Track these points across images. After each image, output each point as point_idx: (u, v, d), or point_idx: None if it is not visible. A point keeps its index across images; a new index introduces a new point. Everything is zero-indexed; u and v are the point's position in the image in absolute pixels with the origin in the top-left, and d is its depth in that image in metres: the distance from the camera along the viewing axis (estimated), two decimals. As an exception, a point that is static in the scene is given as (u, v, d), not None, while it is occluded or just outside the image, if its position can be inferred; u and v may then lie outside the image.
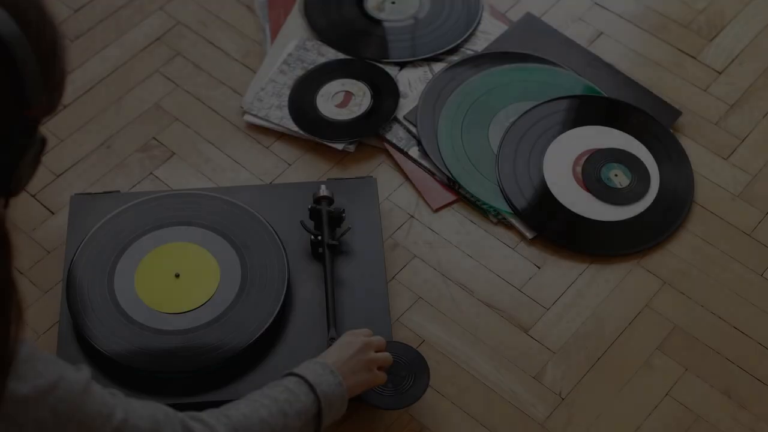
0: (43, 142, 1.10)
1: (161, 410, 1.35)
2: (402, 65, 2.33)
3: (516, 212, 2.10)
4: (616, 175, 2.15)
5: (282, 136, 2.24)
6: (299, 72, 2.31)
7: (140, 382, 1.84)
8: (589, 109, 2.25)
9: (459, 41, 2.36)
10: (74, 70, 2.33)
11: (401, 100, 2.25)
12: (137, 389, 1.82)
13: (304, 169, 2.18)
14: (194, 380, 1.84)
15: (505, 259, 2.07)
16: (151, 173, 2.18)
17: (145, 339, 1.86)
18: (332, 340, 1.80)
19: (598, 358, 1.94)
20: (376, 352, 1.75)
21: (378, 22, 2.41)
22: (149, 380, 1.84)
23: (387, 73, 2.30)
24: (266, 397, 1.52)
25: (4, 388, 1.11)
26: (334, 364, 1.65)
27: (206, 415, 1.46)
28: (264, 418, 1.48)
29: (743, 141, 2.23)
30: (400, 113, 2.24)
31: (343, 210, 1.98)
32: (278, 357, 1.87)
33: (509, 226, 2.11)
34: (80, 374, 1.21)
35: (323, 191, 2.00)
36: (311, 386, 1.58)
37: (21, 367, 1.15)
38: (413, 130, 2.22)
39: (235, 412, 1.46)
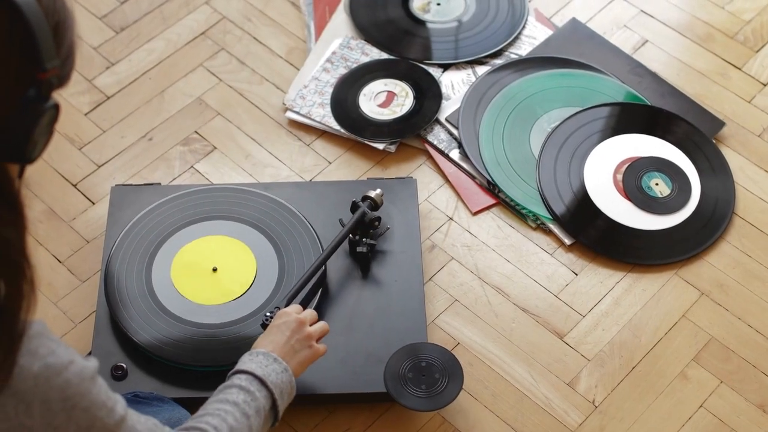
0: (57, 108, 1.12)
1: (151, 421, 1.36)
2: (445, 67, 2.33)
3: (555, 218, 2.09)
4: (656, 184, 2.14)
5: (323, 134, 2.24)
6: (342, 70, 2.31)
7: (174, 374, 1.84)
8: (631, 117, 2.24)
9: (503, 45, 2.36)
10: (119, 61, 2.35)
11: (443, 102, 2.25)
12: (171, 382, 1.84)
13: (344, 168, 2.18)
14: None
15: (543, 264, 2.06)
16: (191, 167, 2.19)
17: (181, 331, 1.87)
18: (277, 309, 1.79)
19: (633, 367, 1.94)
20: (311, 325, 1.74)
21: (422, 23, 2.41)
22: (183, 373, 1.85)
23: (430, 75, 2.29)
24: (227, 403, 1.52)
25: (14, 364, 1.12)
26: (274, 350, 1.64)
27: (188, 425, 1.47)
28: (232, 426, 1.48)
29: (786, 154, 2.22)
30: (442, 115, 2.24)
31: (378, 219, 1.97)
32: (313, 354, 1.87)
33: (548, 232, 2.10)
34: (90, 363, 1.22)
35: (373, 193, 1.99)
36: (261, 381, 1.57)
37: (33, 342, 1.15)
38: (455, 132, 2.22)
39: (206, 426, 1.46)
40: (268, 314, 1.78)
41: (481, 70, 2.33)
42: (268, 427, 1.58)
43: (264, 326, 1.77)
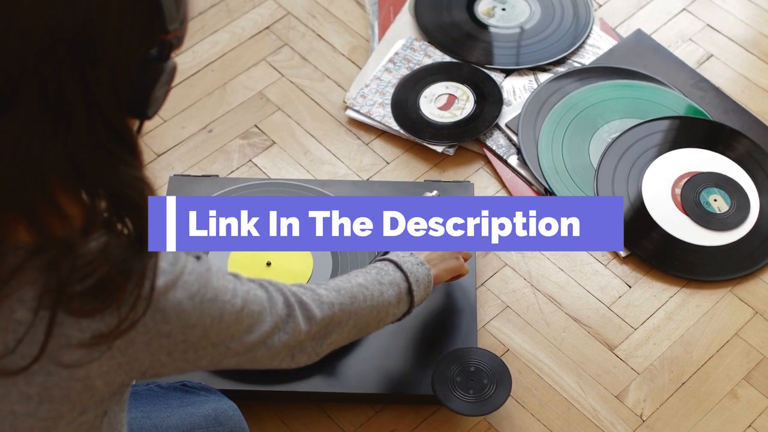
0: (174, 69, 1.17)
1: (265, 280, 1.43)
2: (507, 72, 2.33)
3: (611, 229, 2.08)
4: (715, 200, 2.13)
5: (382, 134, 2.25)
6: (404, 71, 2.32)
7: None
8: (692, 131, 2.22)
9: (566, 53, 2.35)
10: (183, 52, 2.36)
11: (504, 108, 2.25)
12: (219, 373, 1.84)
13: (402, 169, 2.19)
14: (274, 370, 1.84)
15: (597, 275, 2.05)
16: (250, 160, 2.20)
17: (233, 324, 1.88)
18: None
19: (683, 383, 1.92)
20: None
21: (485, 27, 2.40)
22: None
23: (492, 79, 2.29)
24: (359, 271, 1.62)
25: (154, 286, 1.18)
26: (423, 255, 1.72)
27: (305, 283, 1.54)
28: (361, 283, 1.58)
29: None
30: (502, 120, 2.24)
31: None
32: (364, 350, 1.87)
33: (603, 243, 2.09)
34: (202, 260, 1.29)
35: (429, 195, 1.98)
36: (396, 264, 1.66)
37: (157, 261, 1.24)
38: (514, 138, 2.21)
39: (332, 281, 1.55)
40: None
41: (543, 77, 2.32)
42: (401, 311, 1.65)
43: None
